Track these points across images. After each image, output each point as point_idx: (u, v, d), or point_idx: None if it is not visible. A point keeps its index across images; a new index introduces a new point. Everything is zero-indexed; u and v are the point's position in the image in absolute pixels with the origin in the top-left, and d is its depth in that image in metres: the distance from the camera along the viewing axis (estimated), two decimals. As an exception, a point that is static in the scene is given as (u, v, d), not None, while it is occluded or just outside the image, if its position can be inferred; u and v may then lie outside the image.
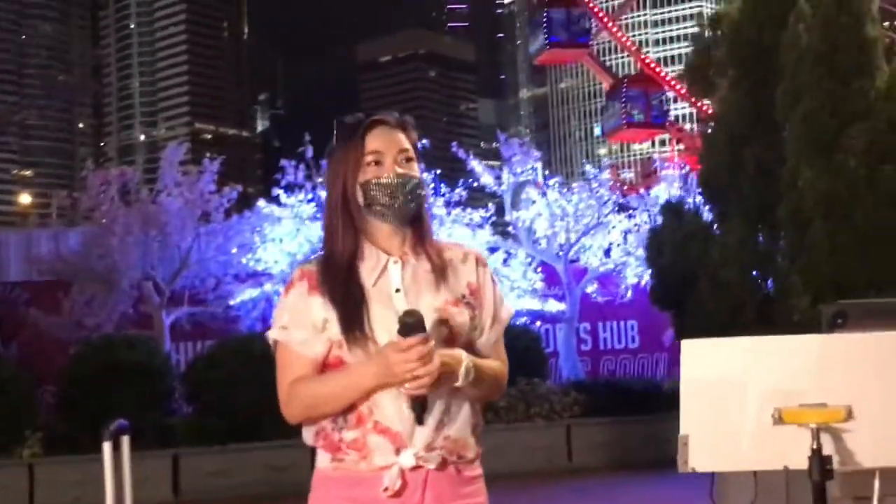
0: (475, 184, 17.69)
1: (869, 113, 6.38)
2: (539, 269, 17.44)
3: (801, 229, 6.50)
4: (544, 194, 17.27)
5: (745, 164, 6.94)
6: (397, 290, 2.74)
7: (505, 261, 17.31)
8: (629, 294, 17.92)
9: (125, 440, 4.44)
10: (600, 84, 45.45)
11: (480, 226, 17.14)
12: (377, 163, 2.77)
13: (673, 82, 36.42)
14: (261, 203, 16.09)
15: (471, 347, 2.77)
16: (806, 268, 6.22)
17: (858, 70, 6.40)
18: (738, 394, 2.50)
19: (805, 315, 6.03)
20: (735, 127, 6.98)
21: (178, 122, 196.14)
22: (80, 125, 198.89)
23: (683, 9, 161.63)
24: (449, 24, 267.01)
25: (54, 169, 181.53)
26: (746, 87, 7.07)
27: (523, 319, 16.59)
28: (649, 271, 13.26)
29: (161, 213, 14.88)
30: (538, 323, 17.28)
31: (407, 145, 2.82)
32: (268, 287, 15.67)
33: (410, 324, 2.55)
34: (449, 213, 16.90)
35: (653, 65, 37.24)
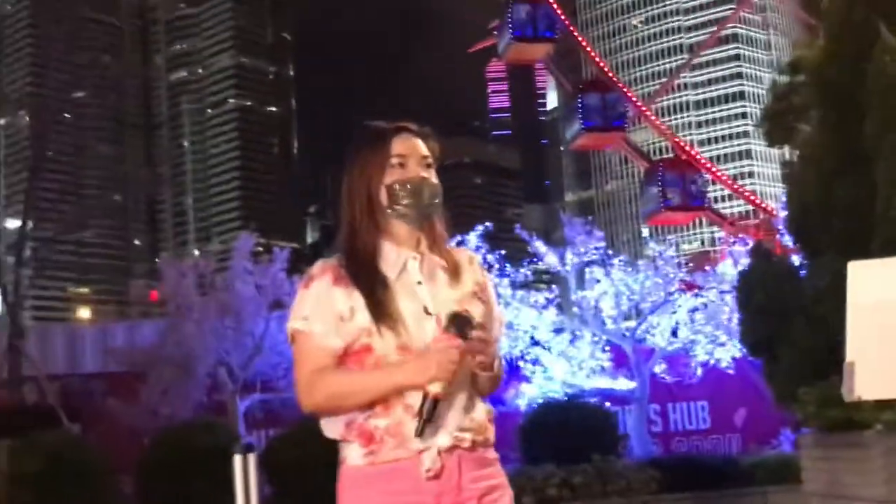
0: (539, 263, 17.81)
1: (960, 138, 6.43)
2: (607, 349, 17.40)
3: (896, 260, 6.50)
4: (608, 273, 17.33)
5: (834, 200, 6.98)
6: (419, 283, 2.87)
7: (572, 341, 17.29)
8: (699, 373, 17.77)
9: (251, 457, 4.55)
10: (645, 185, 45.45)
11: (545, 306, 17.20)
12: (401, 165, 2.92)
13: (710, 166, 36.49)
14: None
15: None
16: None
17: (949, 95, 6.47)
18: (907, 316, 2.54)
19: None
20: (823, 164, 7.05)
21: (231, 237, 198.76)
22: (136, 242, 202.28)
23: (725, 88, 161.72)
24: (493, 133, 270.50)
25: (110, 285, 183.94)
26: (832, 123, 7.16)
27: (593, 400, 16.50)
28: (736, 317, 13.07)
29: (235, 299, 15.10)
30: (607, 404, 17.17)
31: (427, 152, 2.97)
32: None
33: (461, 319, 2.71)
34: (514, 295, 16.99)
35: (688, 147, 37.26)
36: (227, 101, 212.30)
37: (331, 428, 2.89)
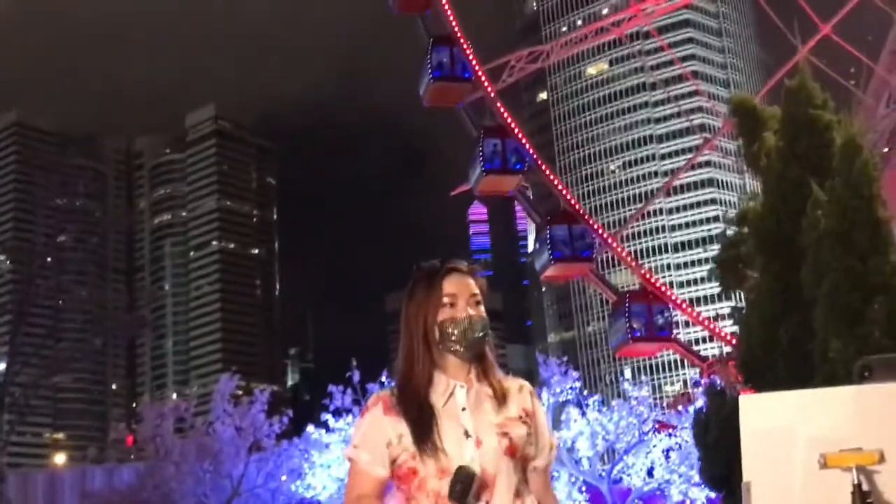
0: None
1: (887, 286, 6.96)
2: (583, 490, 17.56)
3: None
4: (584, 413, 17.63)
5: (778, 342, 7.46)
6: (463, 409, 3.26)
7: (549, 482, 17.44)
8: (675, 514, 17.90)
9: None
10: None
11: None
12: (452, 304, 3.33)
13: (675, 297, 36.96)
14: (310, 429, 16.50)
15: (526, 462, 3.29)
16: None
17: (874, 248, 7.03)
18: (789, 442, 2.98)
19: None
20: (767, 309, 7.55)
21: (211, 379, 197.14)
22: (114, 386, 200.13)
23: (703, 230, 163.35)
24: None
25: (86, 431, 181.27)
26: (774, 271, 7.69)
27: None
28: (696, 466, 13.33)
29: (214, 441, 15.31)
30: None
31: (476, 290, 3.38)
32: (317, 515, 15.84)
33: (460, 489, 3.05)
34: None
35: (653, 280, 37.69)
36: (209, 244, 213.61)
37: None
